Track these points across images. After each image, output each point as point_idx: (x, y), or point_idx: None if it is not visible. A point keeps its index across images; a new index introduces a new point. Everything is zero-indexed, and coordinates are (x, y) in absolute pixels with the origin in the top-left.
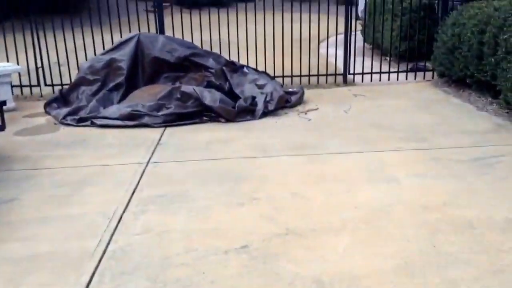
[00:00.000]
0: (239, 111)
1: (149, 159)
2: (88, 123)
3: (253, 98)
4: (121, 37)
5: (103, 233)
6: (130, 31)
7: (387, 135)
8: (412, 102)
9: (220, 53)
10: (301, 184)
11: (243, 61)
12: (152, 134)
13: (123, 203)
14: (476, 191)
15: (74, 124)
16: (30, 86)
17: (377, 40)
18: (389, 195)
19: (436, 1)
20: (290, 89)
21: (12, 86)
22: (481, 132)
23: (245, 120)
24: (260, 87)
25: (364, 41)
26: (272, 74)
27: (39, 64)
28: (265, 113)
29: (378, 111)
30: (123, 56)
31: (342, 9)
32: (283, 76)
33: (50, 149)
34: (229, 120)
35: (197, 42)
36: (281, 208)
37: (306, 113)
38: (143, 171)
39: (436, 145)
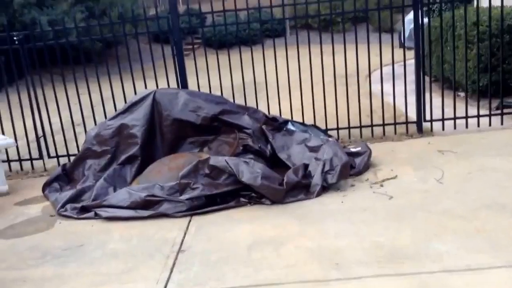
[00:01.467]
0: (289, 188)
1: (165, 285)
2: (92, 214)
3: (306, 167)
4: (134, 91)
5: None
6: (144, 82)
7: None
8: None
9: (245, 100)
10: None
11: (273, 109)
12: (173, 230)
13: None
14: None
15: (74, 216)
16: (31, 159)
17: (442, 73)
18: None
19: None
20: (351, 148)
21: (9, 161)
22: None
23: (297, 200)
24: (313, 149)
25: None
26: (319, 126)
27: (40, 133)
28: (324, 187)
29: (485, 178)
30: (136, 121)
31: (385, 37)
32: (337, 129)
33: (32, 264)
34: (275, 201)
35: (226, 89)
36: None
37: (381, 185)
38: None
39: None
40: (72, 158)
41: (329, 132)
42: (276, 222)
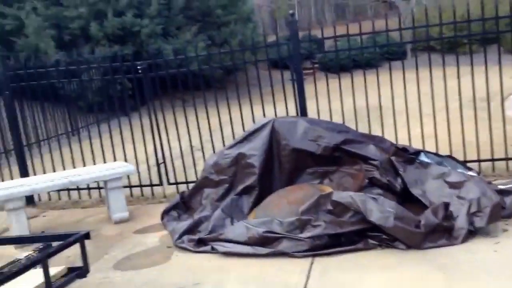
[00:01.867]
0: (427, 231)
1: None
2: (208, 248)
3: (446, 206)
4: (252, 116)
5: None
6: (263, 107)
7: None
8: None
9: (369, 127)
10: None
11: (401, 137)
12: (294, 272)
13: None
14: None
15: (191, 249)
16: (151, 185)
17: None
18: None
19: None
20: (500, 185)
21: (131, 187)
22: None
23: (437, 246)
24: (454, 186)
25: None
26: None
27: (160, 158)
28: (470, 232)
29: None
30: (254, 150)
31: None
32: (478, 161)
33: None
34: (411, 246)
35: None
36: None
37: None
38: None
39: None
40: (190, 185)
41: (469, 165)
42: (415, 273)
